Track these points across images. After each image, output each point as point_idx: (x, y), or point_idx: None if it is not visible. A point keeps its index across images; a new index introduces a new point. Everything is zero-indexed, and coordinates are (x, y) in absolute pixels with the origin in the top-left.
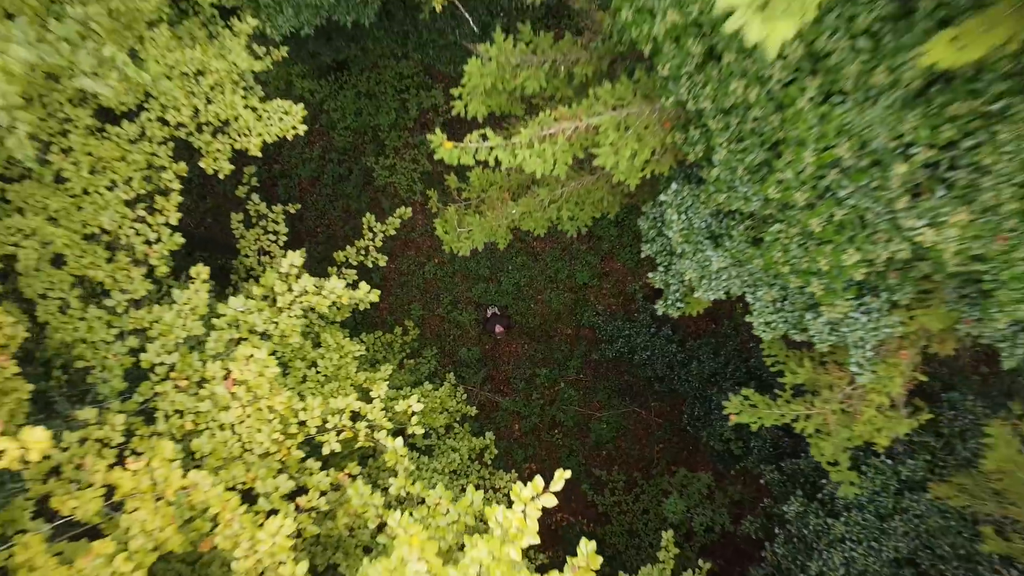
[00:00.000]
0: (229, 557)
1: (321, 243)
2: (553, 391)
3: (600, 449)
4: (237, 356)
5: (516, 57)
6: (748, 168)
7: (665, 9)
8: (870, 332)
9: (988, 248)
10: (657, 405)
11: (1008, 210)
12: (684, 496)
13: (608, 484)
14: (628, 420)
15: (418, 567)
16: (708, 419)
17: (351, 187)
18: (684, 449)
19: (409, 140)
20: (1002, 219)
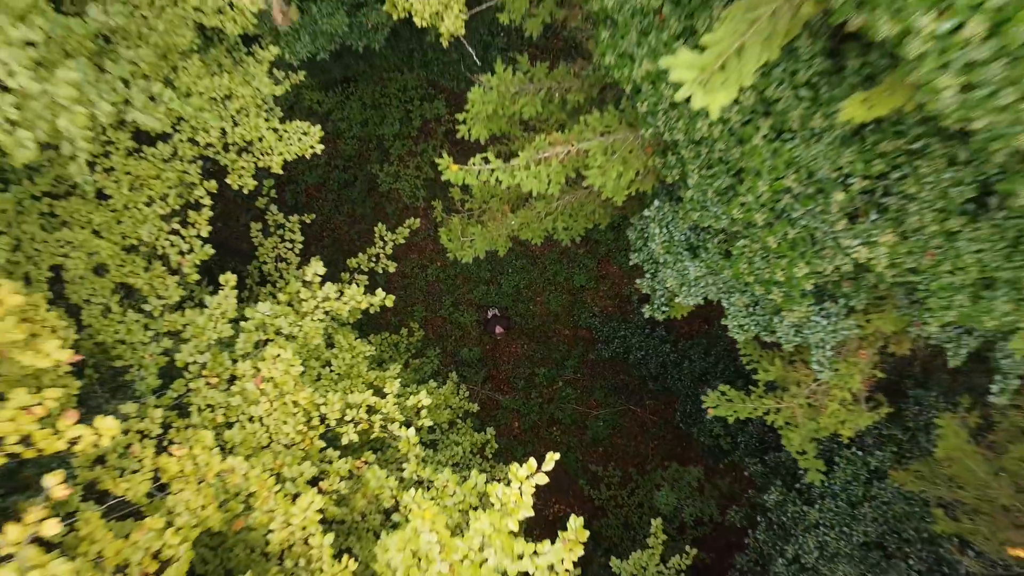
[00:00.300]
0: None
1: (327, 247)
2: (551, 390)
3: (597, 446)
4: (265, 356)
5: (515, 86)
6: (716, 191)
7: (642, 58)
8: (829, 334)
9: (920, 262)
10: (652, 403)
11: (930, 231)
12: (675, 489)
13: (604, 479)
14: (624, 418)
15: (429, 537)
16: (699, 416)
17: (356, 193)
18: (678, 445)
19: (413, 148)
20: (927, 238)
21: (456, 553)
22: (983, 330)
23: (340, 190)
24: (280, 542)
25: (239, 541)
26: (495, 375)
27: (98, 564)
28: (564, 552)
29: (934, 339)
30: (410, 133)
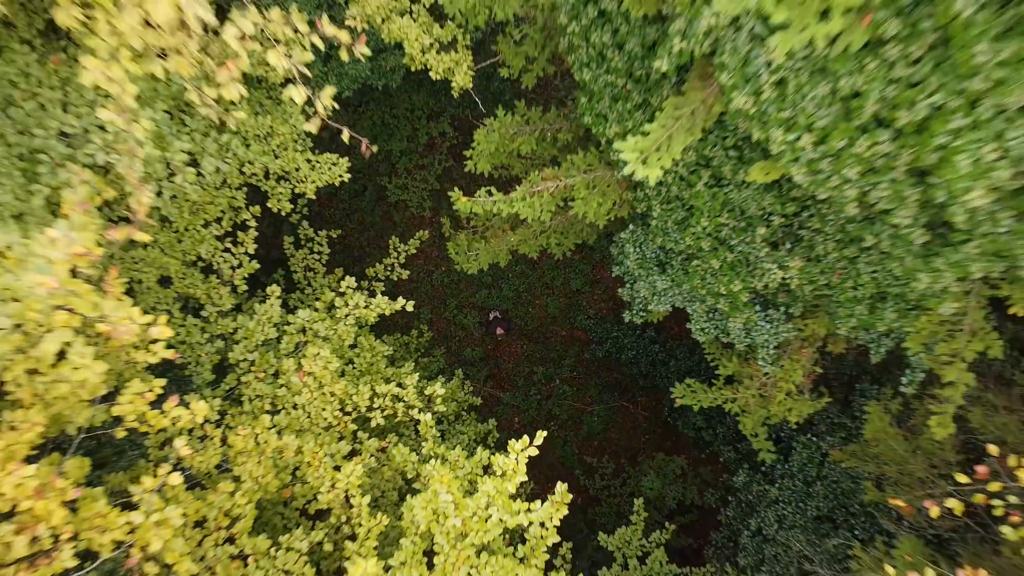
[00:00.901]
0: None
1: (339, 252)
2: (549, 387)
3: (592, 439)
4: (307, 353)
5: (513, 128)
6: (674, 221)
7: (612, 120)
8: (772, 335)
9: (831, 280)
10: (643, 400)
11: (834, 256)
12: (660, 476)
13: (598, 470)
14: (617, 413)
15: (446, 497)
16: (683, 410)
17: (366, 203)
18: (667, 439)
19: (420, 162)
20: (834, 262)
21: (467, 511)
22: (878, 332)
23: (351, 200)
24: (327, 502)
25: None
26: (496, 373)
27: (184, 520)
28: (551, 510)
29: (860, 340)
30: (417, 148)
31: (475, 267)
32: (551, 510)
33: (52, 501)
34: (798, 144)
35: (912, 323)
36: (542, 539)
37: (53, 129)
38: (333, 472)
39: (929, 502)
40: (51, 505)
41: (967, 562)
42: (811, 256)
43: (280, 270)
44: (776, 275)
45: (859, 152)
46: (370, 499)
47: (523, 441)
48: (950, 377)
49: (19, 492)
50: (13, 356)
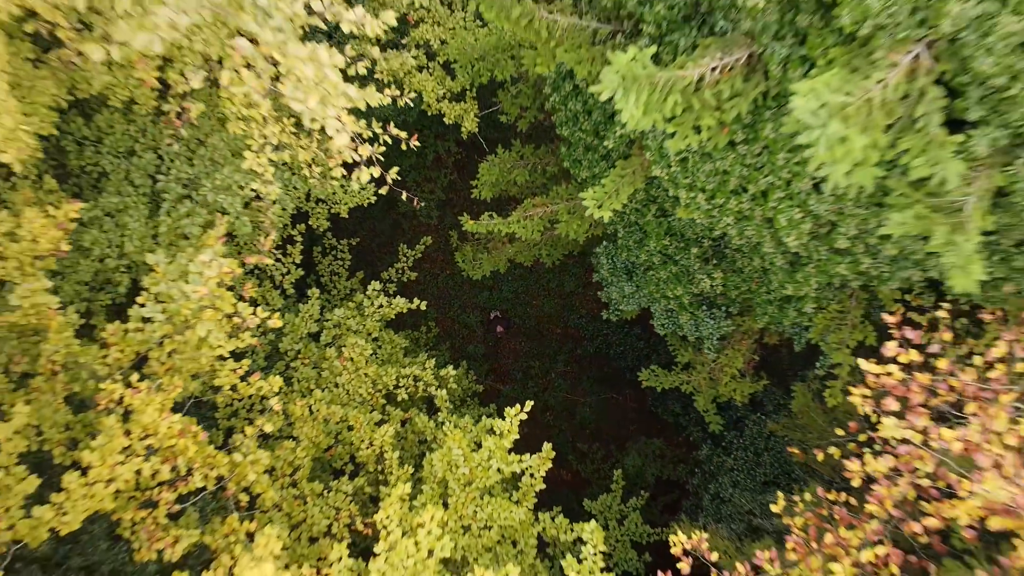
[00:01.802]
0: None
1: (353, 257)
2: (545, 381)
3: (584, 428)
4: (348, 342)
5: (510, 162)
6: (634, 241)
7: (586, 166)
8: (715, 329)
9: (752, 287)
10: (630, 392)
11: (749, 269)
12: (641, 455)
13: (589, 455)
14: (607, 404)
15: (457, 452)
16: (663, 399)
17: (377, 211)
18: (652, 425)
19: (428, 175)
20: (750, 274)
21: (473, 462)
22: (792, 326)
23: (364, 209)
24: (366, 457)
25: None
26: (496, 368)
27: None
28: (538, 462)
29: (787, 332)
30: (425, 163)
31: (479, 274)
32: (538, 462)
33: (188, 440)
34: (696, 199)
35: (811, 319)
36: (531, 486)
37: (172, 176)
38: (371, 432)
39: (817, 450)
40: (188, 443)
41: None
42: (734, 268)
43: (311, 275)
44: (706, 283)
45: (732, 207)
46: (398, 455)
47: (516, 408)
48: (838, 359)
49: (169, 432)
50: (161, 340)
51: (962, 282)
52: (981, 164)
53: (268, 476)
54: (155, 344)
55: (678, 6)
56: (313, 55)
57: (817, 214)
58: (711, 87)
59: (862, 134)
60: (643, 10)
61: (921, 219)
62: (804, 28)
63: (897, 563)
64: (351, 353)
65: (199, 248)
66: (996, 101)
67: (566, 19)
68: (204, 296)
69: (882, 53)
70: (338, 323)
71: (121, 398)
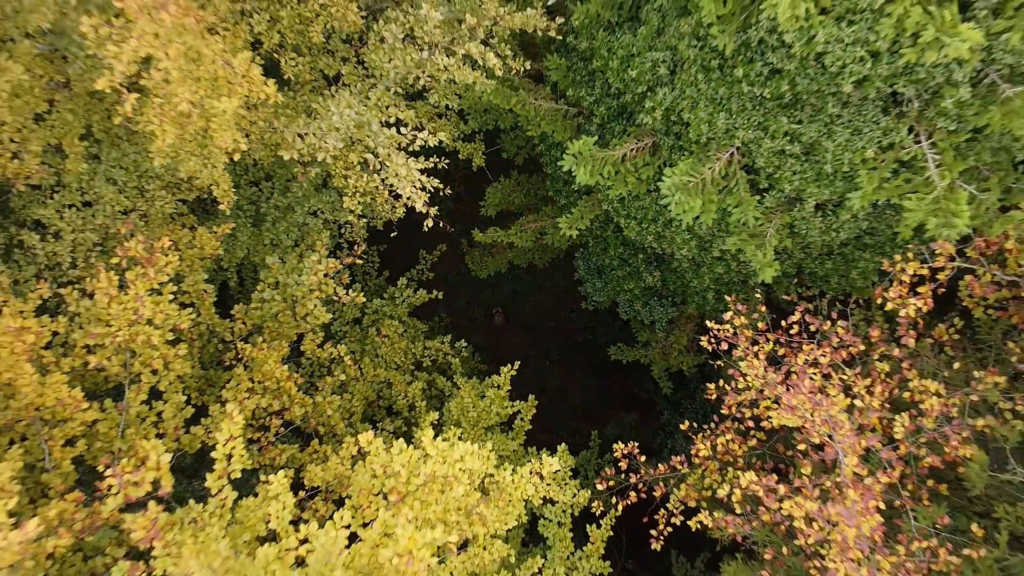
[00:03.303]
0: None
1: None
2: (541, 368)
3: (575, 410)
4: (384, 324)
5: (510, 187)
6: (600, 249)
7: (561, 196)
8: (662, 315)
9: (683, 281)
10: (614, 376)
11: (683, 267)
12: (619, 426)
13: (579, 432)
14: (594, 388)
15: (468, 400)
16: (642, 380)
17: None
18: (634, 405)
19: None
20: (684, 270)
21: (480, 407)
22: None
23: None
24: (402, 406)
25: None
26: (497, 357)
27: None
28: (526, 407)
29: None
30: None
31: (484, 273)
32: (526, 407)
33: (291, 384)
34: (631, 224)
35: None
36: (521, 427)
37: (271, 203)
38: (405, 387)
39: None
40: (291, 385)
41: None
42: (671, 269)
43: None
44: (650, 279)
45: (652, 230)
46: (426, 403)
47: (508, 367)
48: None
49: (281, 376)
50: (276, 314)
51: (765, 276)
52: (773, 211)
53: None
54: (270, 317)
55: (613, 107)
56: (405, 163)
57: (700, 235)
58: (631, 159)
59: (696, 198)
60: (593, 107)
61: (744, 241)
62: (677, 131)
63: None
64: (387, 331)
65: (308, 252)
66: (773, 179)
67: (547, 104)
68: (313, 283)
69: (713, 151)
70: (376, 310)
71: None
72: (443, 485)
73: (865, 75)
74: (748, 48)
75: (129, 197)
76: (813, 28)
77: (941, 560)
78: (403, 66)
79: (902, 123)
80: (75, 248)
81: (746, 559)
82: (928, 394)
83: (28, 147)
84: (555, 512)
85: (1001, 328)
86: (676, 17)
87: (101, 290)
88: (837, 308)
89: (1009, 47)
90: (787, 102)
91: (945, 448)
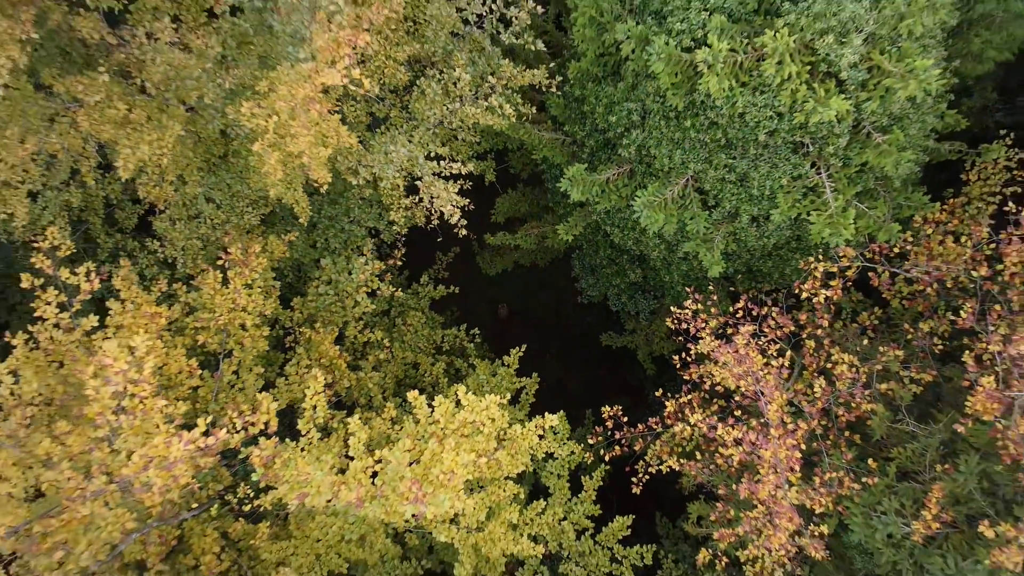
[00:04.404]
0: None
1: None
2: (542, 360)
3: (573, 398)
4: (408, 315)
5: (517, 198)
6: (592, 250)
7: (559, 209)
8: (645, 306)
9: (660, 279)
10: (607, 365)
11: (657, 265)
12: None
13: (575, 418)
14: (591, 379)
15: (482, 378)
16: (634, 369)
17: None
18: (627, 392)
19: None
20: (660, 268)
21: (492, 383)
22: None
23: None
24: (429, 381)
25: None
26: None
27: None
28: (530, 383)
29: None
30: None
31: (493, 271)
32: (530, 383)
33: (341, 360)
34: (614, 231)
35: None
36: (526, 400)
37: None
38: (431, 367)
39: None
40: (341, 362)
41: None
42: (651, 267)
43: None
44: (632, 276)
45: (631, 235)
46: (447, 380)
47: (516, 348)
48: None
49: (333, 354)
50: (329, 304)
51: (713, 272)
52: (719, 223)
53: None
54: (323, 308)
55: (599, 140)
56: (445, 187)
57: (667, 240)
58: (613, 181)
59: (660, 213)
60: (584, 139)
61: (698, 245)
62: (647, 162)
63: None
64: (412, 321)
65: (355, 255)
66: (718, 199)
67: (549, 134)
68: (361, 280)
69: (673, 178)
70: (402, 302)
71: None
72: (472, 430)
73: (774, 128)
74: (694, 106)
75: (224, 212)
76: (735, 96)
77: (845, 485)
78: (440, 113)
79: (806, 160)
80: (184, 251)
81: (706, 500)
82: (843, 364)
83: (167, 177)
84: (555, 466)
85: (911, 315)
86: (644, 79)
87: (208, 285)
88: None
89: (870, 110)
90: (723, 144)
91: (852, 405)
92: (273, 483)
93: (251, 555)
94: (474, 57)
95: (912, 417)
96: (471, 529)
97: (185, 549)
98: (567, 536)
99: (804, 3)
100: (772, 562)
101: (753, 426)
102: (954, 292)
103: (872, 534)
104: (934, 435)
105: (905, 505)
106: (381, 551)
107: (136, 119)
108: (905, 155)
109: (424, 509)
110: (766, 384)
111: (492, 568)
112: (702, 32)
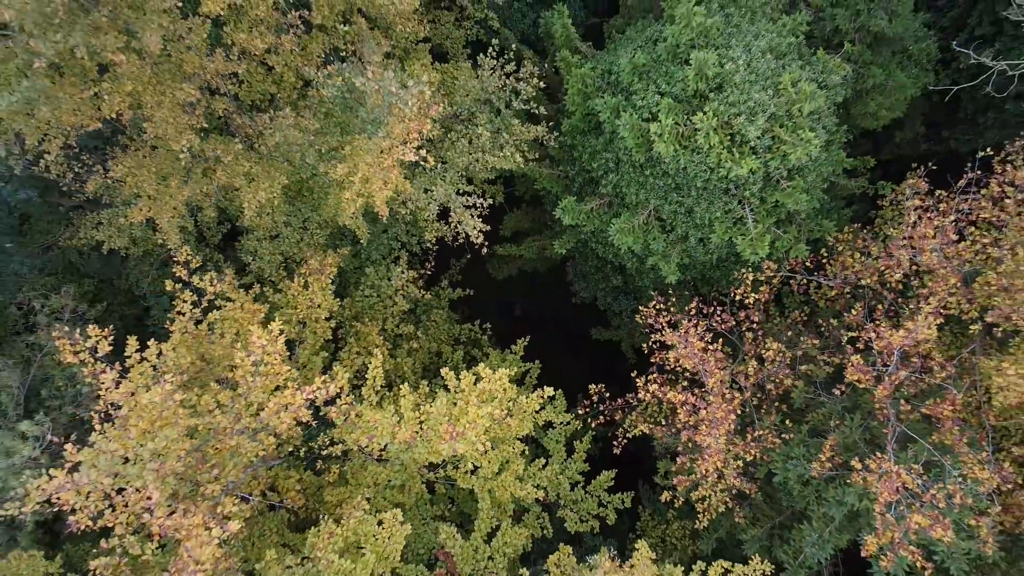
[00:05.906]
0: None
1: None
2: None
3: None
4: (432, 313)
5: (521, 216)
6: (582, 259)
7: (559, 227)
8: (627, 306)
9: (636, 285)
10: (598, 358)
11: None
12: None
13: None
14: (583, 369)
15: (494, 363)
16: (617, 359)
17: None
18: (615, 381)
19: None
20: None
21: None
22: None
23: None
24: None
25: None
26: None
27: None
28: (534, 367)
29: None
30: None
31: (501, 275)
32: (534, 367)
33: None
34: (598, 249)
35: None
36: (531, 382)
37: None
38: (452, 355)
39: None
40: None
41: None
42: (630, 274)
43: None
44: (615, 281)
45: (611, 251)
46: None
47: (522, 340)
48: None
49: (378, 342)
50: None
51: (670, 279)
52: (674, 243)
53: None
54: (368, 307)
55: (586, 178)
56: (472, 216)
57: (637, 254)
58: (596, 210)
59: (629, 236)
60: (575, 176)
61: (658, 259)
62: (621, 197)
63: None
64: (435, 318)
65: (393, 265)
66: (672, 225)
67: (548, 170)
68: (398, 285)
69: (641, 209)
70: (427, 302)
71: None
72: (489, 396)
73: (708, 178)
74: (652, 160)
75: (298, 233)
76: (679, 156)
77: (769, 441)
78: (467, 159)
79: (733, 199)
80: (269, 263)
81: (671, 459)
82: (773, 350)
83: (265, 210)
84: (554, 434)
85: (831, 313)
86: (617, 137)
87: (292, 289)
88: (722, 299)
89: (775, 166)
90: (674, 187)
91: (779, 381)
92: (344, 436)
93: (318, 498)
94: (491, 117)
95: (825, 390)
96: (487, 478)
97: (274, 487)
98: (563, 488)
99: (723, 94)
100: (718, 500)
101: (696, 392)
102: (866, 294)
103: (789, 475)
104: (836, 403)
105: (812, 453)
106: (417, 494)
107: (254, 173)
108: (804, 196)
109: (457, 447)
110: (707, 363)
111: (503, 513)
112: (656, 109)
